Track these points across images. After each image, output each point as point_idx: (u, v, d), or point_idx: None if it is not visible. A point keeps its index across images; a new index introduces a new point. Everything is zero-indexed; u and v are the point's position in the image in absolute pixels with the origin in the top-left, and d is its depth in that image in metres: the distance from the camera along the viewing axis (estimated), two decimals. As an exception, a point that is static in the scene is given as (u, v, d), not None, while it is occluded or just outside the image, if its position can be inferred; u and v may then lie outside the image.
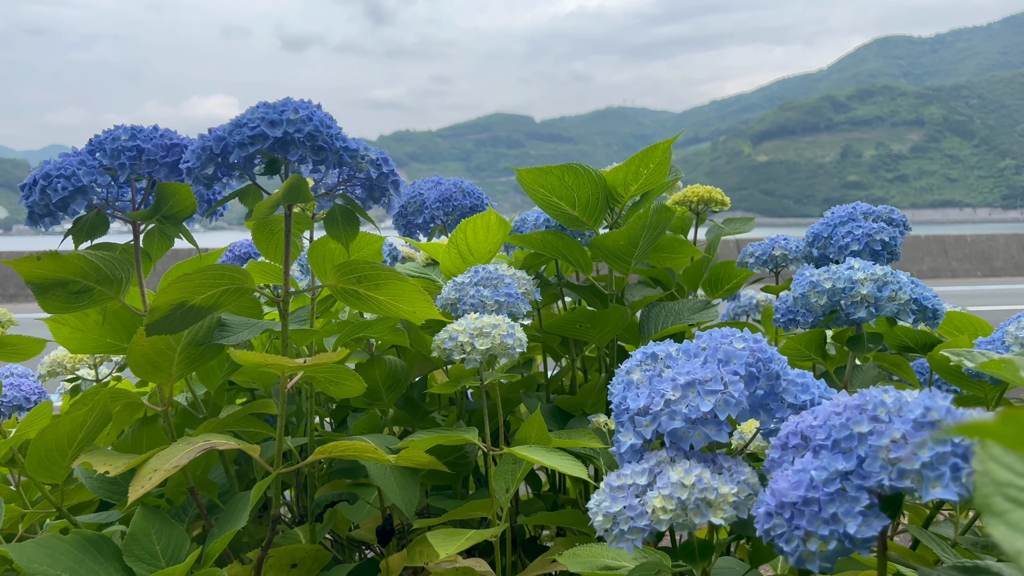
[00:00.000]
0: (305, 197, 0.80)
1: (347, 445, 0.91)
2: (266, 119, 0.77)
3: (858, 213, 1.31)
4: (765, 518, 0.56)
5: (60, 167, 0.81)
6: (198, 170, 0.79)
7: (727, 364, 0.67)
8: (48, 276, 0.82)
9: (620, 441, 0.68)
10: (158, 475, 0.86)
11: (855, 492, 0.52)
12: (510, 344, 0.94)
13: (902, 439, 0.52)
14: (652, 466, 0.65)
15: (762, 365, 0.68)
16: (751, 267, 1.41)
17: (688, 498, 0.61)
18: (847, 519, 0.52)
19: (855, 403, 0.56)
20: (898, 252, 1.23)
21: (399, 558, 1.17)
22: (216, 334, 0.95)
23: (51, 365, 1.22)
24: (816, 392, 0.69)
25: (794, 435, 0.60)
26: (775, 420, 0.68)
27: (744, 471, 0.64)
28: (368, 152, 0.83)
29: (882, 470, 0.52)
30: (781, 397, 0.68)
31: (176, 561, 0.94)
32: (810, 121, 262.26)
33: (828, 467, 0.54)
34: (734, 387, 0.65)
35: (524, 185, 1.28)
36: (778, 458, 0.61)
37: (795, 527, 0.54)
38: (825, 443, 0.56)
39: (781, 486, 0.55)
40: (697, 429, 0.64)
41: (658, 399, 0.65)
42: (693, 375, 0.66)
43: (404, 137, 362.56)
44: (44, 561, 0.88)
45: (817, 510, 0.53)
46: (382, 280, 0.88)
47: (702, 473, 0.62)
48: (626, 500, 0.63)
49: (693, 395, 0.65)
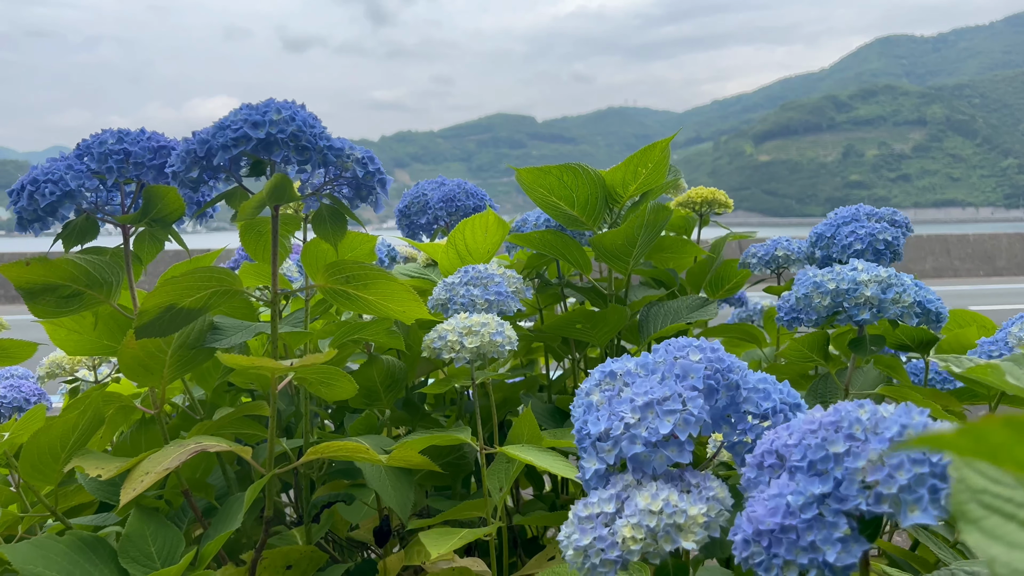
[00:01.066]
0: (290, 197, 0.80)
1: (339, 446, 0.91)
2: (248, 120, 0.77)
3: (861, 214, 1.29)
4: (743, 545, 0.54)
5: (48, 172, 0.81)
6: (183, 174, 0.80)
7: (684, 379, 0.65)
8: (37, 281, 0.82)
9: (584, 468, 0.66)
10: (149, 478, 0.86)
11: (833, 517, 0.51)
12: (499, 342, 0.93)
13: (879, 460, 0.50)
14: (619, 491, 0.63)
15: (720, 376, 0.66)
16: (753, 268, 1.40)
17: (657, 525, 0.59)
18: (826, 547, 0.50)
19: (830, 420, 0.55)
20: (901, 252, 1.22)
21: (397, 559, 1.17)
22: (209, 337, 0.95)
23: (50, 366, 1.23)
24: (778, 398, 0.67)
25: (769, 454, 0.58)
26: (737, 432, 0.66)
27: (713, 487, 0.62)
28: (353, 151, 0.83)
29: (859, 494, 0.50)
30: (742, 407, 0.66)
31: (171, 562, 0.95)
32: (812, 121, 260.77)
33: (804, 491, 0.52)
34: (693, 404, 0.63)
35: (523, 185, 1.27)
36: (754, 478, 0.59)
37: (773, 555, 0.52)
38: (800, 464, 0.54)
39: (758, 512, 0.54)
40: (658, 452, 0.62)
41: (618, 423, 0.63)
42: (651, 395, 0.64)
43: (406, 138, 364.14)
44: (39, 562, 0.89)
45: (795, 538, 0.51)
46: (371, 280, 0.88)
47: (669, 495, 0.60)
48: (595, 531, 0.61)
49: (652, 416, 0.63)
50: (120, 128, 0.85)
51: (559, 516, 1.15)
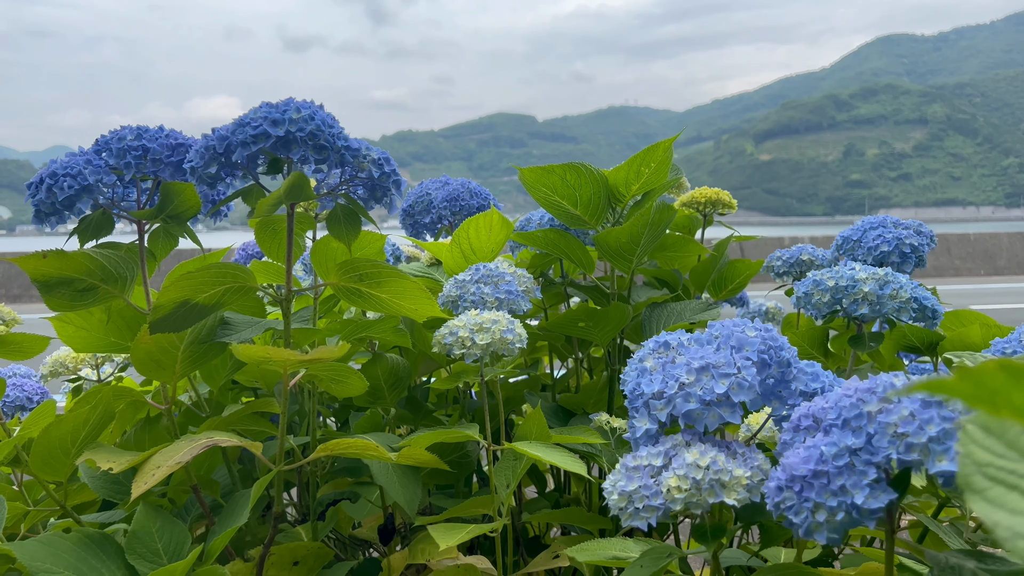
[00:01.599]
0: (307, 195, 0.81)
1: (349, 443, 0.91)
2: (269, 118, 0.77)
3: (888, 222, 1.32)
4: (775, 492, 0.58)
5: (67, 166, 0.82)
6: (202, 169, 0.80)
7: (739, 351, 0.69)
8: (53, 274, 0.82)
9: (635, 426, 0.70)
10: (161, 471, 0.86)
11: (863, 466, 0.54)
12: (510, 339, 0.94)
13: (910, 416, 0.54)
14: (668, 449, 0.67)
15: (773, 353, 0.70)
16: (777, 271, 1.44)
17: (703, 478, 0.63)
18: (855, 491, 0.54)
19: (866, 386, 0.59)
20: (925, 259, 1.26)
21: (401, 556, 1.17)
22: (219, 332, 0.95)
23: (53, 365, 1.23)
24: (826, 381, 0.71)
25: (806, 417, 0.62)
26: (787, 407, 0.70)
27: (757, 457, 0.66)
28: (370, 152, 0.84)
29: (890, 444, 0.54)
30: (792, 385, 0.70)
31: (178, 558, 0.95)
32: (813, 120, 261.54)
33: (838, 443, 0.56)
34: (747, 371, 0.67)
35: (526, 184, 1.28)
36: (790, 440, 0.63)
37: (804, 499, 0.56)
38: (836, 422, 0.58)
39: (792, 461, 0.58)
40: (712, 411, 0.66)
41: (672, 383, 0.67)
42: (707, 359, 0.68)
43: (407, 137, 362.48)
44: (47, 559, 0.89)
45: (826, 482, 0.55)
46: (384, 278, 0.89)
47: (717, 456, 0.64)
48: (641, 480, 0.65)
49: (707, 378, 0.67)
50: (139, 125, 0.85)
51: (564, 514, 1.16)
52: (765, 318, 1.60)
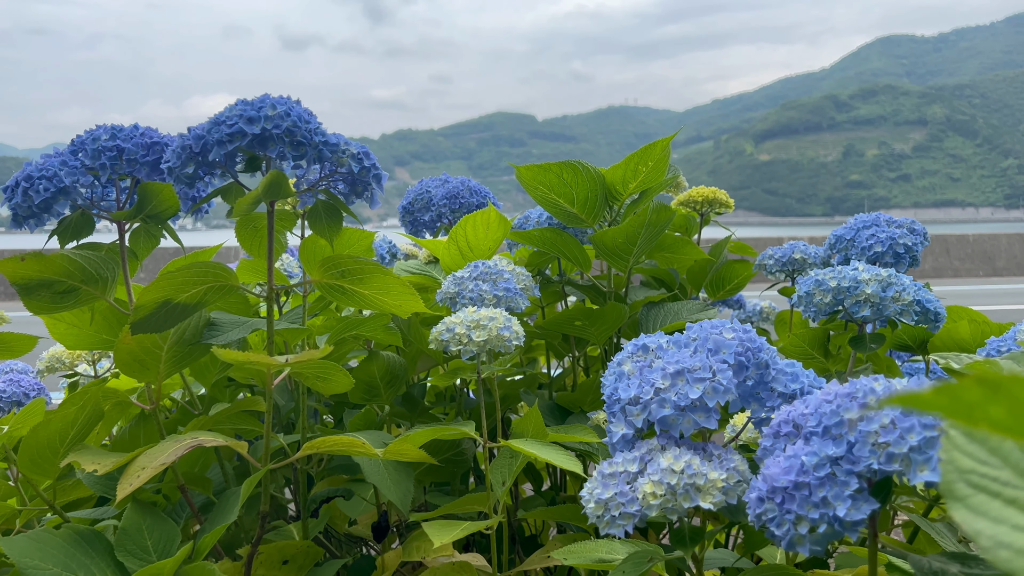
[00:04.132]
0: (285, 192, 0.80)
1: (334, 440, 0.91)
2: (244, 116, 0.77)
3: (881, 220, 1.29)
4: (756, 503, 0.57)
5: (42, 168, 0.81)
6: (179, 169, 0.79)
7: (716, 353, 0.69)
8: (32, 276, 0.82)
9: (612, 431, 0.69)
10: (146, 472, 0.86)
11: (844, 476, 0.53)
12: (507, 336, 0.93)
13: (891, 424, 0.53)
14: (643, 454, 0.67)
15: (751, 354, 0.69)
16: (769, 269, 1.42)
17: (677, 483, 0.62)
18: (837, 502, 0.53)
19: (845, 391, 0.57)
20: (919, 258, 1.23)
21: (395, 554, 1.17)
22: (206, 333, 0.95)
23: (50, 361, 1.24)
24: (806, 381, 0.70)
25: (786, 423, 0.61)
26: (765, 409, 0.69)
27: (734, 459, 0.65)
28: (349, 146, 0.83)
29: (871, 454, 0.53)
30: (771, 386, 0.70)
31: (167, 556, 0.95)
32: (813, 120, 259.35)
33: (818, 452, 0.55)
34: (722, 375, 0.66)
35: (523, 182, 1.27)
36: (770, 446, 0.62)
37: (786, 511, 0.55)
38: (816, 430, 0.57)
39: (772, 471, 0.57)
40: (686, 416, 0.66)
41: (648, 388, 0.67)
42: (682, 364, 0.67)
43: (406, 136, 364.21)
44: (36, 555, 0.89)
45: (807, 494, 0.54)
46: (366, 274, 0.88)
47: (691, 459, 0.64)
48: (617, 487, 0.65)
49: (682, 383, 0.66)
50: (114, 124, 0.85)
51: (560, 511, 1.15)
52: (760, 318, 1.58)
